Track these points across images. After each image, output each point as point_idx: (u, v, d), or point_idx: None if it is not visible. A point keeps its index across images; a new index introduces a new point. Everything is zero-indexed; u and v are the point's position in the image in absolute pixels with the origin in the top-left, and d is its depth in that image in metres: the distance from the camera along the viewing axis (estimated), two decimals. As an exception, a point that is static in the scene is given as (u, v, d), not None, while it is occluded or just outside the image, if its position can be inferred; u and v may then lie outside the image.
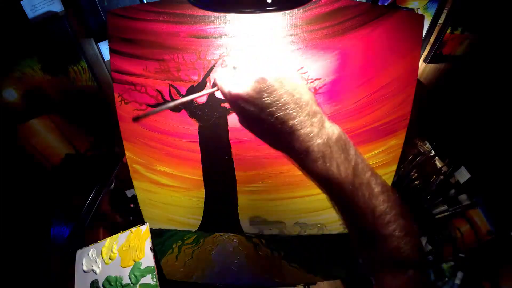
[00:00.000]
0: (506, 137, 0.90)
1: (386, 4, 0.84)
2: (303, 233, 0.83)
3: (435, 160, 1.15)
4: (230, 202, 0.78)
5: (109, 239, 0.84)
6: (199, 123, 0.68)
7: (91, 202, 0.94)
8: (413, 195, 1.16)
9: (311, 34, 0.60)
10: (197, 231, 0.83)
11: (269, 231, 0.82)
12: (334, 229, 0.82)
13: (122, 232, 0.83)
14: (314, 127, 0.33)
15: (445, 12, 0.85)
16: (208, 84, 0.64)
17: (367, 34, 0.60)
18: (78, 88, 0.91)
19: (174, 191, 0.77)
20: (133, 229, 0.82)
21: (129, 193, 0.95)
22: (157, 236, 0.84)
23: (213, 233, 0.84)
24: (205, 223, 0.81)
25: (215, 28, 0.60)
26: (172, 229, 0.83)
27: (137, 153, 0.72)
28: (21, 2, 0.77)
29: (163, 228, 0.83)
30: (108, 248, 0.82)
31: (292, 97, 0.33)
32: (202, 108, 0.66)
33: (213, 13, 0.59)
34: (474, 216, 1.07)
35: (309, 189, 0.75)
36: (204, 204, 0.78)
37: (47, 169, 1.03)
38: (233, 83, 0.35)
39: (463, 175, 1.05)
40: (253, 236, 0.83)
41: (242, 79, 0.34)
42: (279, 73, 0.34)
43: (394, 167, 0.73)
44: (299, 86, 0.34)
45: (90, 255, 0.83)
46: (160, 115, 0.68)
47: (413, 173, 1.18)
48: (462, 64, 0.97)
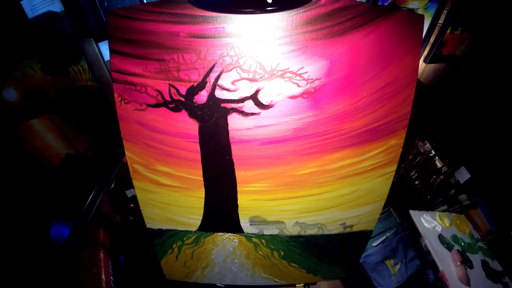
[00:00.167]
0: (506, 137, 0.90)
1: (386, 4, 0.84)
2: (303, 233, 0.83)
3: (435, 160, 1.15)
4: (230, 202, 0.78)
5: (438, 213, 1.11)
6: (199, 123, 0.68)
7: (91, 202, 0.94)
8: (413, 195, 1.16)
9: (311, 34, 0.60)
10: (197, 231, 0.83)
11: (269, 231, 0.82)
12: (334, 229, 0.82)
13: (448, 213, 1.12)
14: None
15: (445, 12, 0.85)
16: (208, 84, 0.64)
17: (367, 34, 0.60)
18: (78, 88, 0.91)
19: (174, 191, 0.76)
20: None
21: (129, 193, 0.95)
22: (157, 236, 0.84)
23: (213, 233, 0.84)
24: (205, 223, 0.81)
25: (215, 28, 0.60)
26: (172, 229, 0.83)
27: (137, 153, 0.72)
28: (21, 2, 0.77)
29: (163, 228, 0.83)
30: (440, 217, 1.09)
31: None
32: (202, 108, 0.66)
33: (213, 13, 0.59)
34: (474, 216, 1.07)
35: (309, 189, 0.75)
36: (204, 204, 0.78)
37: (47, 169, 1.03)
38: None
39: (463, 175, 1.05)
40: (253, 236, 0.83)
41: None
42: None
43: (394, 167, 0.73)
44: None
45: (425, 217, 1.08)
46: (160, 115, 0.68)
47: (413, 173, 1.18)
48: (462, 64, 0.97)
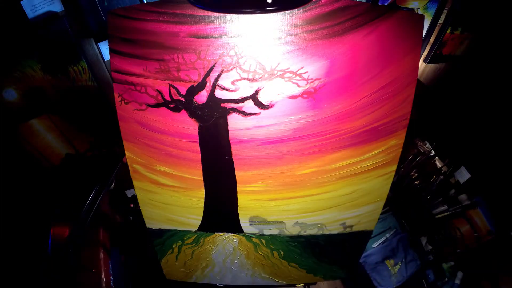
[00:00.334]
0: (506, 137, 0.90)
1: (386, 4, 0.84)
2: (303, 233, 0.83)
3: (435, 160, 1.15)
4: (230, 202, 0.78)
5: None
6: (199, 123, 0.68)
7: (91, 202, 0.94)
8: (413, 195, 1.16)
9: (311, 34, 0.60)
10: (197, 231, 0.83)
11: (269, 231, 0.82)
12: (334, 229, 0.82)
13: None
14: None
15: (445, 12, 0.85)
16: (208, 84, 0.64)
17: (367, 34, 0.60)
18: (78, 88, 0.91)
19: (174, 191, 0.76)
20: None
21: (129, 193, 0.95)
22: (157, 236, 0.84)
23: (213, 233, 0.84)
24: (205, 223, 0.81)
25: (215, 28, 0.60)
26: (172, 229, 0.83)
27: (137, 153, 0.72)
28: (21, 2, 0.77)
29: (163, 228, 0.82)
30: None
31: None
32: (202, 108, 0.66)
33: (213, 13, 0.59)
34: (474, 216, 1.07)
35: (309, 189, 0.75)
36: (204, 204, 0.78)
37: (47, 169, 1.03)
38: None
39: (463, 175, 1.05)
40: (253, 236, 0.83)
41: None
42: None
43: (394, 167, 0.73)
44: None
45: None
46: (160, 115, 0.68)
47: (413, 173, 1.18)
48: (462, 64, 0.97)
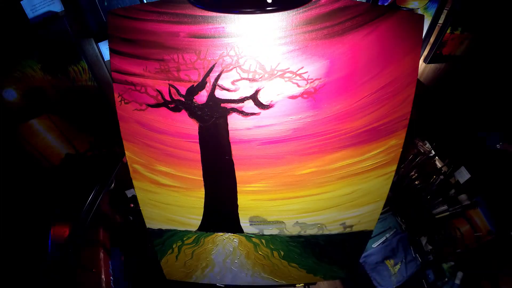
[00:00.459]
0: (506, 137, 0.90)
1: (386, 4, 0.84)
2: (303, 233, 0.83)
3: (435, 160, 1.15)
4: (230, 202, 0.78)
5: None
6: (199, 123, 0.68)
7: (91, 202, 0.94)
8: (413, 195, 1.16)
9: (311, 34, 0.60)
10: (197, 231, 0.83)
11: (269, 231, 0.82)
12: (334, 229, 0.82)
13: None
14: None
15: (445, 12, 0.85)
16: (208, 84, 0.64)
17: (367, 34, 0.60)
18: (78, 88, 0.91)
19: (174, 191, 0.76)
20: None
21: (129, 193, 0.95)
22: (157, 236, 0.84)
23: (213, 233, 0.84)
24: (205, 223, 0.81)
25: (215, 28, 0.60)
26: (172, 229, 0.83)
27: (137, 153, 0.72)
28: (21, 2, 0.77)
29: (163, 228, 0.82)
30: None
31: None
32: (202, 108, 0.66)
33: (213, 13, 0.59)
34: (474, 216, 1.07)
35: (309, 189, 0.75)
36: (204, 204, 0.78)
37: (47, 169, 1.03)
38: None
39: (463, 175, 1.05)
40: (253, 236, 0.83)
41: None
42: None
43: (394, 167, 0.73)
44: None
45: None
46: (160, 115, 0.68)
47: (413, 173, 1.18)
48: (462, 64, 0.97)
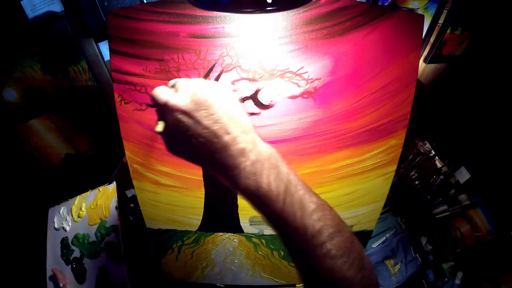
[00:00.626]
0: (506, 137, 0.90)
1: (386, 4, 0.84)
2: (303, 233, 0.83)
3: (435, 160, 1.15)
4: (230, 202, 0.78)
5: (78, 197, 0.84)
6: (199, 123, 0.68)
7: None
8: (413, 195, 1.16)
9: (311, 34, 0.60)
10: (197, 231, 0.83)
11: (269, 231, 0.82)
12: (334, 229, 0.82)
13: (91, 191, 0.84)
14: (247, 144, 0.33)
15: (445, 12, 0.85)
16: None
17: (367, 34, 0.60)
18: (78, 88, 0.91)
19: (174, 191, 0.76)
20: (101, 187, 0.83)
21: (129, 193, 0.95)
22: (157, 236, 0.84)
23: (213, 233, 0.84)
24: (205, 223, 0.81)
25: (215, 28, 0.60)
26: (172, 229, 0.83)
27: (137, 153, 0.72)
28: (21, 2, 0.77)
29: (163, 228, 0.83)
30: (77, 206, 0.82)
31: (227, 113, 0.34)
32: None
33: (213, 13, 0.59)
34: (474, 216, 1.07)
35: (309, 189, 0.75)
36: (204, 204, 0.78)
37: (47, 169, 1.03)
38: (170, 94, 0.34)
39: (463, 175, 1.05)
40: (253, 236, 0.83)
41: (181, 92, 0.34)
42: (218, 91, 0.35)
43: (394, 167, 0.73)
44: (234, 105, 0.35)
45: (61, 213, 0.83)
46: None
47: (413, 173, 1.18)
48: (462, 64, 0.97)
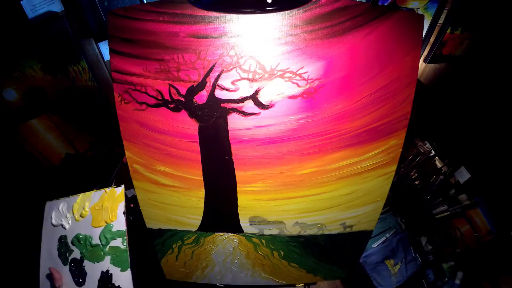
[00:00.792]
0: (506, 137, 0.90)
1: (386, 4, 0.84)
2: (303, 233, 0.83)
3: (435, 160, 1.15)
4: (230, 202, 0.78)
5: (81, 195, 0.81)
6: (199, 123, 0.68)
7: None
8: (413, 195, 1.16)
9: (311, 34, 0.60)
10: (197, 231, 0.83)
11: (269, 231, 0.82)
12: (334, 229, 0.82)
13: (96, 191, 0.81)
14: None
15: (445, 12, 0.85)
16: (208, 84, 0.64)
17: (367, 34, 0.60)
18: (78, 88, 0.91)
19: (174, 191, 0.76)
20: (108, 189, 0.80)
21: (129, 193, 0.95)
22: (157, 236, 0.84)
23: (213, 233, 0.84)
24: (205, 223, 0.81)
25: (215, 28, 0.60)
26: (172, 229, 0.83)
27: (137, 153, 0.72)
28: (21, 2, 0.77)
29: (163, 228, 0.82)
30: (80, 204, 0.79)
31: None
32: (202, 108, 0.66)
33: (213, 13, 0.59)
34: (474, 216, 1.07)
35: (309, 189, 0.75)
36: (204, 204, 0.78)
37: (47, 169, 1.03)
38: None
39: (463, 175, 1.05)
40: (253, 236, 0.83)
41: None
42: None
43: (394, 167, 0.73)
44: None
45: (60, 209, 0.80)
46: (160, 115, 0.68)
47: (413, 173, 1.18)
48: (462, 64, 0.97)
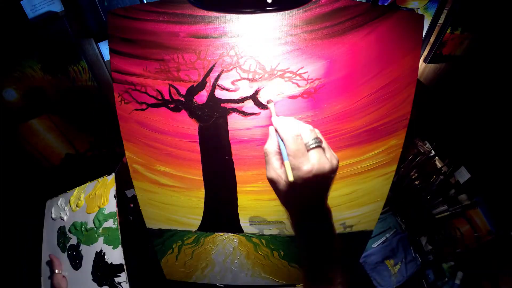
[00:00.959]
0: (506, 137, 0.90)
1: (386, 4, 0.84)
2: (303, 233, 0.83)
3: (435, 160, 1.15)
4: (230, 202, 0.78)
5: (77, 188, 0.87)
6: (199, 123, 0.68)
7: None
8: (413, 195, 1.16)
9: (311, 34, 0.60)
10: (197, 231, 0.83)
11: (269, 231, 0.82)
12: (334, 229, 0.82)
13: (90, 182, 0.87)
14: None
15: (445, 12, 0.85)
16: (208, 84, 0.64)
17: (367, 34, 0.60)
18: (78, 88, 0.91)
19: (174, 191, 0.77)
20: (100, 179, 0.86)
21: (129, 193, 0.95)
22: (157, 236, 0.84)
23: (213, 233, 0.84)
24: (205, 223, 0.81)
25: (215, 28, 0.60)
26: (172, 229, 0.83)
27: (137, 153, 0.72)
28: (21, 2, 0.77)
29: (163, 228, 0.83)
30: (76, 197, 0.85)
31: None
32: (202, 108, 0.66)
33: (213, 13, 0.59)
34: (474, 216, 1.07)
35: (309, 189, 0.75)
36: (204, 204, 0.78)
37: (47, 169, 1.03)
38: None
39: (463, 175, 1.05)
40: (253, 236, 0.83)
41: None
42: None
43: (394, 167, 0.73)
44: None
45: (59, 204, 0.86)
46: (160, 115, 0.68)
47: (413, 173, 1.18)
48: (462, 64, 0.97)
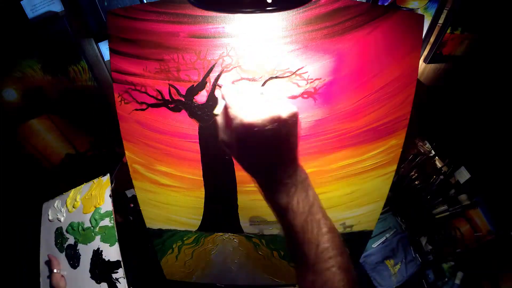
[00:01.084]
0: (506, 137, 0.90)
1: (386, 4, 0.84)
2: (303, 233, 0.83)
3: (435, 160, 1.15)
4: (230, 202, 0.78)
5: (73, 190, 0.88)
6: (199, 123, 0.68)
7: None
8: (413, 195, 1.16)
9: (311, 34, 0.60)
10: (197, 231, 0.83)
11: (269, 231, 0.82)
12: (334, 229, 0.82)
13: (86, 184, 0.87)
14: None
15: (445, 12, 0.85)
16: (208, 84, 0.64)
17: (367, 34, 0.60)
18: (78, 88, 0.91)
19: (174, 191, 0.76)
20: (95, 180, 0.87)
21: (129, 193, 0.95)
22: (157, 236, 0.84)
23: (213, 233, 0.84)
24: (205, 223, 0.81)
25: (215, 28, 0.60)
26: (172, 229, 0.83)
27: (137, 153, 0.72)
28: (21, 2, 0.77)
29: (163, 228, 0.83)
30: (72, 198, 0.86)
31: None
32: (202, 108, 0.66)
33: (213, 13, 0.59)
34: (474, 216, 1.07)
35: (309, 189, 0.75)
36: (204, 204, 0.78)
37: (47, 169, 1.03)
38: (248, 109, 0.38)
39: (463, 175, 1.05)
40: (253, 236, 0.83)
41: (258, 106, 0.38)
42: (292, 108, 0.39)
43: (394, 167, 0.73)
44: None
45: (55, 205, 0.87)
46: (160, 115, 0.68)
47: (413, 173, 1.18)
48: (462, 64, 0.97)
